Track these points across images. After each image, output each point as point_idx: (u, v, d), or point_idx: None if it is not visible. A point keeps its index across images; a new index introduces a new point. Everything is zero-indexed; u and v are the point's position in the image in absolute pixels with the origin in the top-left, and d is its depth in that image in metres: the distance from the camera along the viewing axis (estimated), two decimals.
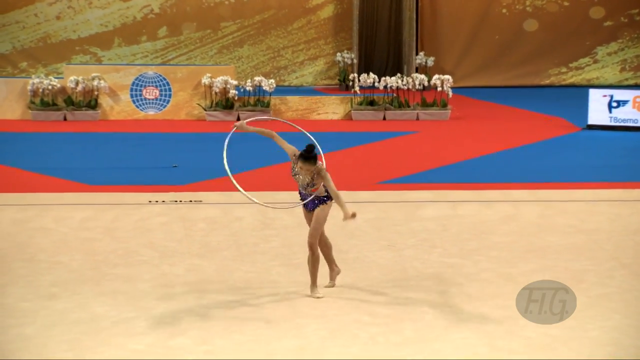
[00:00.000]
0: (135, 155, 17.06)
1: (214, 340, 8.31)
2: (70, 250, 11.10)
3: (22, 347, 8.02)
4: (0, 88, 20.52)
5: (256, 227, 12.19)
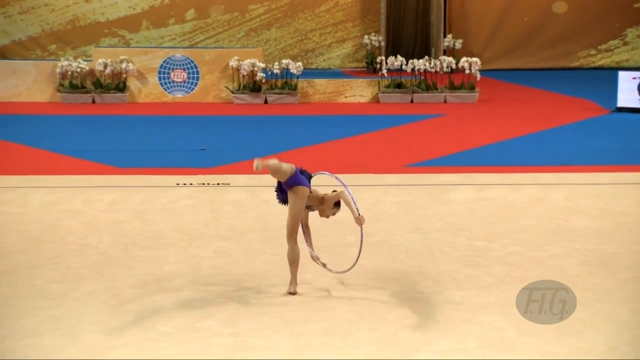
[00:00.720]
0: (163, 138, 17.10)
1: (241, 322, 8.33)
2: (99, 232, 11.16)
3: (52, 329, 8.08)
4: (30, 71, 20.61)
5: (282, 210, 12.17)
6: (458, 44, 24.38)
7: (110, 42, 24.35)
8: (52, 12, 24.41)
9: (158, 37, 24.63)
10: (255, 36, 24.82)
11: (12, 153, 15.60)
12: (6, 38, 24.31)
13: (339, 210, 9.35)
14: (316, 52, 24.97)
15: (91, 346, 7.76)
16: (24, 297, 8.92)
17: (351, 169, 14.60)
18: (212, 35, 24.77)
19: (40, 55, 24.18)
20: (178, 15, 24.70)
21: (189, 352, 7.67)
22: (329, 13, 24.93)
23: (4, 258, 10.14)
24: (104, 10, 24.51)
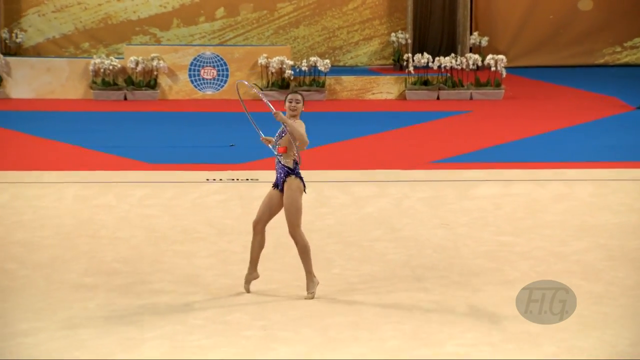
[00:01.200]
0: (193, 134, 17.17)
1: (270, 316, 8.37)
2: (131, 226, 11.23)
3: (86, 321, 8.14)
4: (63, 68, 20.73)
5: (311, 205, 12.22)
6: (484, 42, 24.30)
7: (141, 40, 24.44)
8: (85, 10, 24.53)
9: (188, 35, 24.69)
10: (284, 34, 24.83)
11: (47, 149, 15.71)
12: (40, 36, 24.45)
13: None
14: (344, 49, 24.96)
15: (124, 338, 7.82)
16: (58, 290, 8.99)
17: (378, 165, 14.62)
18: (242, 33, 24.81)
19: (73, 53, 24.30)
20: (208, 13, 24.76)
21: (219, 344, 7.72)
22: (357, 11, 24.92)
23: (40, 251, 10.22)
24: (136, 8, 24.60)
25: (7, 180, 13.36)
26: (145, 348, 7.64)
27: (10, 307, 8.51)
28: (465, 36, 24.28)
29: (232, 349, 7.62)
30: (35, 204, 12.16)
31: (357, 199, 12.51)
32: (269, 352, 7.58)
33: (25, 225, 11.17)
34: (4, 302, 8.65)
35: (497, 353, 7.58)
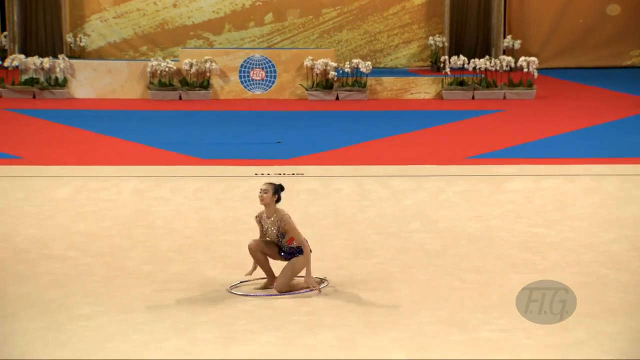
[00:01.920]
0: (242, 132, 17.19)
1: (315, 302, 8.34)
2: (185, 218, 11.25)
3: (141, 306, 8.15)
4: (123, 70, 20.84)
5: (353, 198, 12.19)
6: (517, 44, 24.13)
7: (195, 43, 24.52)
8: (143, 16, 24.65)
9: (239, 39, 24.73)
10: (328, 37, 24.80)
11: (107, 145, 15.80)
12: (102, 40, 24.61)
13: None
14: (384, 52, 24.88)
15: (177, 322, 7.83)
16: (118, 277, 9.03)
17: (416, 161, 14.55)
18: (289, 37, 24.81)
19: (132, 55, 24.43)
20: (257, 18, 24.78)
21: (266, 328, 7.70)
22: (397, 16, 24.82)
23: (101, 241, 10.27)
24: (190, 14, 24.68)
25: (71, 175, 13.45)
26: (196, 332, 7.64)
27: (73, 292, 8.55)
28: (499, 39, 24.11)
29: (279, 333, 7.61)
30: (97, 197, 12.23)
31: (396, 193, 12.45)
32: (313, 336, 7.56)
33: (87, 217, 11.23)
34: (67, 288, 8.69)
35: (529, 337, 7.50)
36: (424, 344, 7.38)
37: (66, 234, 10.49)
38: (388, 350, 7.29)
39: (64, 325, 7.70)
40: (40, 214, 11.27)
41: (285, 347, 7.36)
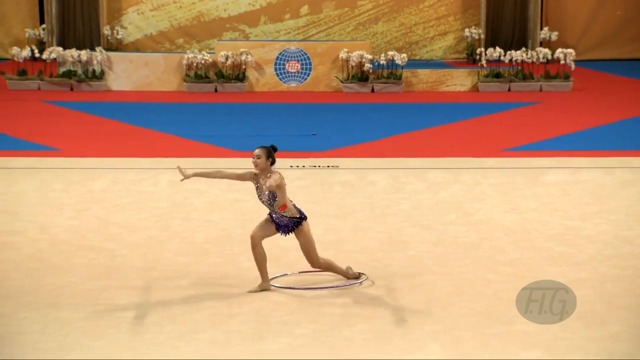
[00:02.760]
0: (278, 124, 17.20)
1: (350, 294, 8.34)
2: (220, 210, 11.29)
3: (179, 297, 8.20)
4: (159, 62, 20.93)
5: (388, 191, 12.17)
6: (554, 36, 23.96)
7: (231, 36, 24.56)
8: (179, 8, 24.72)
9: (274, 31, 24.74)
10: (364, 30, 24.74)
11: (144, 137, 15.87)
12: (139, 33, 24.72)
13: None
14: (420, 44, 24.78)
15: (213, 314, 7.86)
16: (154, 269, 9.07)
17: (452, 153, 14.49)
18: (324, 29, 24.78)
19: (168, 48, 24.52)
20: (293, 10, 24.78)
21: (301, 320, 7.71)
22: (432, 8, 24.72)
23: (138, 233, 10.32)
24: (226, 6, 24.72)
25: (108, 167, 13.53)
26: (231, 323, 7.67)
27: (110, 284, 8.61)
28: (536, 31, 23.95)
29: (313, 325, 7.62)
30: (133, 189, 12.30)
31: (432, 185, 12.42)
32: (348, 328, 7.56)
33: (123, 208, 11.30)
34: (104, 279, 8.75)
35: (564, 331, 7.45)
36: (459, 337, 7.37)
37: (103, 225, 10.56)
38: (423, 343, 7.28)
39: (101, 316, 7.76)
40: (77, 206, 11.36)
41: (320, 339, 7.37)
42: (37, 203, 11.45)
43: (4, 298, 8.18)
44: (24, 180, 12.54)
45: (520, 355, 7.07)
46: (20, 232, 10.22)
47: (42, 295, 8.26)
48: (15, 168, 13.33)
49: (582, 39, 25.06)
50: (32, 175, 12.88)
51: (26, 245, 9.78)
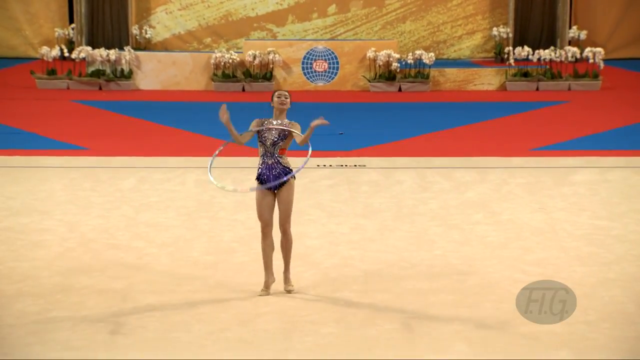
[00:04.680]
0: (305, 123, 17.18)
1: (376, 295, 8.34)
2: (247, 209, 11.30)
3: (206, 296, 8.22)
4: (187, 62, 21.00)
5: (415, 190, 12.15)
6: (582, 35, 23.82)
7: (259, 35, 24.61)
8: (207, 8, 24.80)
9: (302, 31, 24.77)
10: (391, 29, 24.72)
11: (172, 137, 15.94)
12: (167, 32, 24.82)
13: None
14: (447, 43, 24.73)
15: (240, 312, 7.88)
16: (181, 267, 9.11)
17: (479, 152, 14.45)
18: (352, 29, 24.78)
19: (196, 47, 24.60)
20: (321, 10, 24.79)
21: (328, 319, 7.72)
22: (460, 7, 24.65)
23: (165, 232, 10.37)
24: (254, 6, 24.77)
25: (136, 165, 13.59)
26: (258, 323, 7.68)
27: (138, 282, 8.65)
28: (565, 30, 23.82)
29: (340, 324, 7.62)
30: (161, 188, 12.35)
31: (459, 184, 12.39)
32: (374, 327, 7.56)
33: (151, 207, 11.35)
34: (132, 278, 8.80)
35: (592, 331, 7.42)
36: (486, 337, 7.35)
37: (131, 224, 10.61)
38: (450, 343, 7.26)
39: (129, 315, 7.80)
40: (106, 204, 11.42)
41: (346, 338, 7.37)
42: (66, 202, 11.53)
43: (34, 296, 8.25)
44: (54, 179, 12.63)
45: (549, 356, 7.04)
46: (50, 231, 10.29)
47: (71, 294, 8.32)
48: (45, 167, 13.42)
49: (611, 37, 24.90)
50: (61, 174, 12.97)
51: (55, 243, 9.85)
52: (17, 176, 12.78)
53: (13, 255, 9.44)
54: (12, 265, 9.12)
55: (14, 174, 12.90)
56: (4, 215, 10.90)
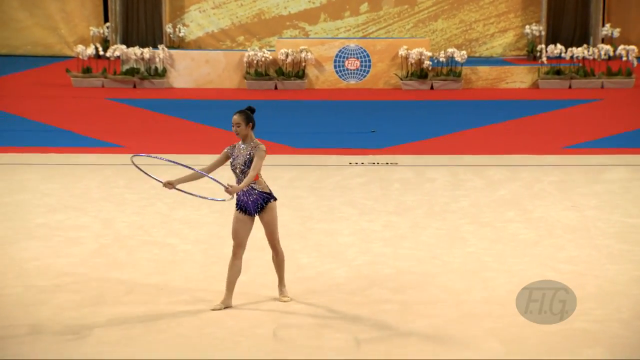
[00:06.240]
0: (337, 121, 17.23)
1: (407, 291, 8.33)
2: (280, 206, 11.28)
3: (237, 293, 8.24)
4: (220, 60, 21.08)
5: (447, 188, 12.13)
6: (616, 33, 23.67)
7: (291, 33, 24.64)
8: (240, 6, 24.87)
9: (334, 29, 24.78)
10: (423, 27, 24.68)
11: (205, 134, 16.00)
12: (200, 31, 24.92)
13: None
14: (480, 41, 24.65)
15: (270, 309, 7.90)
16: (215, 264, 9.15)
17: (512, 150, 14.40)
18: (384, 27, 24.76)
19: (229, 45, 24.68)
20: (353, 8, 24.79)
21: (360, 316, 7.72)
22: (493, 5, 24.57)
23: (200, 229, 10.41)
24: (287, 4, 24.82)
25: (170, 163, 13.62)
26: (290, 319, 7.70)
27: (172, 279, 8.70)
28: (598, 28, 23.68)
29: (372, 321, 7.62)
30: (194, 184, 12.37)
31: (491, 182, 12.35)
32: (407, 324, 7.56)
33: (185, 204, 11.39)
34: (166, 274, 8.85)
35: (625, 329, 7.38)
36: (519, 334, 7.32)
37: (166, 221, 10.67)
38: (483, 340, 7.25)
39: (163, 311, 7.85)
40: (140, 202, 11.49)
41: (379, 335, 7.37)
42: (102, 199, 11.61)
43: (69, 292, 8.32)
44: (89, 177, 12.72)
45: (582, 353, 7.01)
46: (85, 228, 10.37)
47: (106, 290, 8.38)
48: (80, 164, 13.53)
49: None
50: (97, 171, 13.06)
51: (91, 240, 9.92)
52: (52, 173, 12.89)
53: (50, 251, 9.53)
54: (49, 261, 9.20)
55: (49, 171, 13.01)
56: (41, 211, 11.00)
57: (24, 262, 9.15)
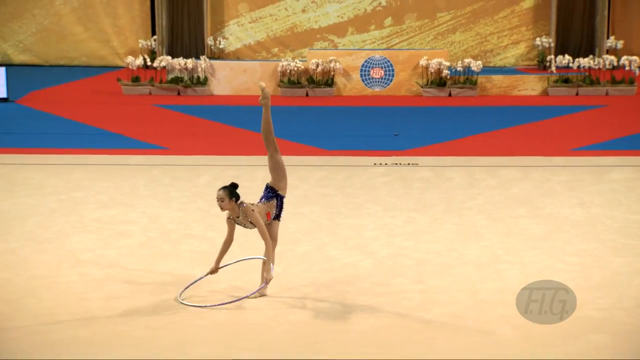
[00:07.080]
0: (363, 125, 17.20)
1: (428, 281, 8.30)
2: (310, 203, 11.33)
3: (272, 283, 8.24)
4: (257, 69, 21.11)
5: (464, 187, 12.07)
6: (619, 45, 23.50)
7: (321, 45, 24.63)
8: (275, 21, 24.90)
9: (361, 41, 24.75)
10: (442, 39, 24.59)
11: (243, 137, 16.02)
12: (239, 43, 24.97)
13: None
14: (494, 52, 24.53)
15: (303, 297, 7.89)
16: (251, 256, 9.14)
17: (523, 152, 14.31)
18: (406, 39, 24.70)
19: (265, 56, 24.71)
20: (378, 22, 24.75)
21: (382, 304, 7.70)
22: (506, 19, 24.44)
23: None
24: (317, 19, 24.81)
25: (210, 163, 13.69)
26: (319, 305, 7.69)
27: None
28: (603, 40, 23.51)
29: (394, 309, 7.60)
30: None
31: (504, 182, 12.28)
32: (425, 311, 7.53)
33: None
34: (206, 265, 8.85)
35: (629, 316, 7.30)
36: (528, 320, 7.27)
37: (206, 216, 10.69)
38: (496, 325, 7.21)
39: (204, 298, 7.86)
40: (183, 199, 11.52)
41: (401, 322, 7.35)
42: (148, 196, 11.65)
43: (120, 282, 8.35)
44: (137, 176, 12.78)
45: (588, 339, 6.95)
46: (134, 222, 10.41)
47: (152, 279, 8.41)
48: (129, 165, 13.59)
49: None
50: (144, 171, 13.11)
51: (139, 233, 9.96)
52: (104, 173, 12.96)
53: (102, 243, 9.57)
54: (100, 252, 9.25)
55: (102, 171, 13.08)
56: (94, 207, 11.05)
57: (79, 253, 9.20)
